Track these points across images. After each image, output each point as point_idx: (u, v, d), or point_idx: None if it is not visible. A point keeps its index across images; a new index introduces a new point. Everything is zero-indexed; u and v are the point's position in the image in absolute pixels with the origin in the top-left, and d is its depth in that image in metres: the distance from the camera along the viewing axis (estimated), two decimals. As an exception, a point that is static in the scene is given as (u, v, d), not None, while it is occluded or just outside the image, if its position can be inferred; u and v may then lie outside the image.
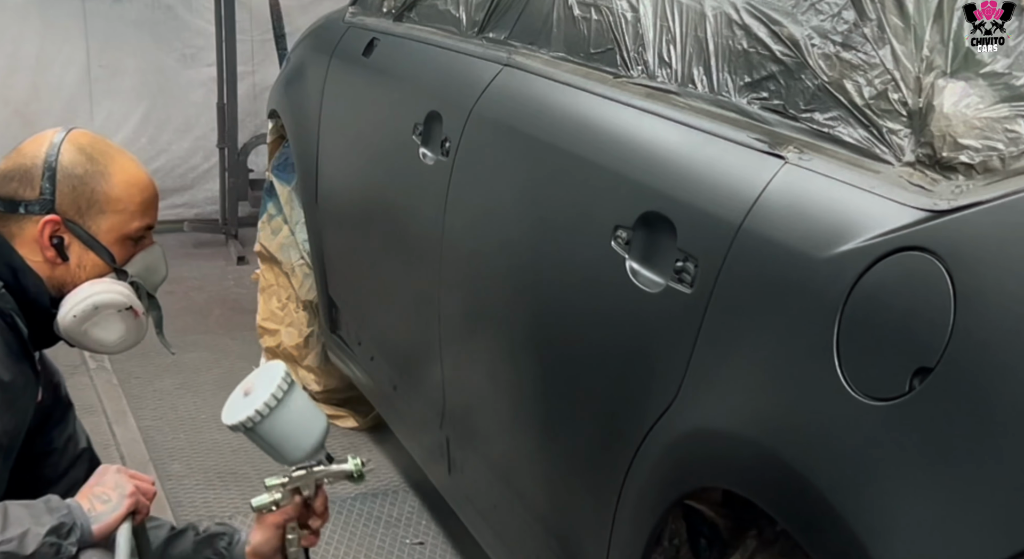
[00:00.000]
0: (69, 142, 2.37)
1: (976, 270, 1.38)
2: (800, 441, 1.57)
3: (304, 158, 3.98)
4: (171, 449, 4.14)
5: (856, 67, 1.72)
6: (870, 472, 1.43)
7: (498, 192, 2.59)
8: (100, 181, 2.33)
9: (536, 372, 2.42)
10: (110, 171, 2.35)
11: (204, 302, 5.73)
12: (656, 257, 1.97)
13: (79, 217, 2.31)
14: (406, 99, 3.17)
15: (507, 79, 2.66)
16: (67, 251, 2.31)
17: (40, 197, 2.30)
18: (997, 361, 1.33)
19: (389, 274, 3.33)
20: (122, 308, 2.32)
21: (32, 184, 2.30)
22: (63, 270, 2.32)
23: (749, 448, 1.67)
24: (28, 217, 2.29)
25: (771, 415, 1.64)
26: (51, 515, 2.06)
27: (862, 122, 1.68)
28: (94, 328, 2.30)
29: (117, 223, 2.34)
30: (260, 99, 6.59)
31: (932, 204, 1.49)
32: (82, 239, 2.32)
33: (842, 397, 1.49)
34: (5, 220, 2.31)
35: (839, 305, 1.54)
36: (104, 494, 2.17)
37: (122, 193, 2.34)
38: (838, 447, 1.50)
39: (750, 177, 1.81)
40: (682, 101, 2.07)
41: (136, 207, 2.36)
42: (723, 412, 1.76)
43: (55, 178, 2.30)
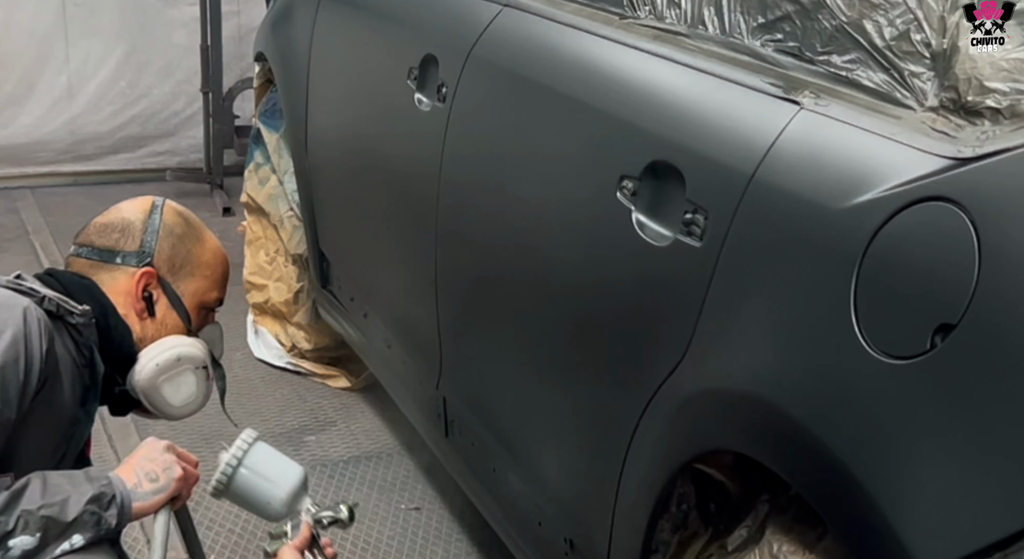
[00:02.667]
0: (170, 206, 2.51)
1: (1002, 221, 1.39)
2: (815, 401, 1.58)
3: (293, 104, 3.97)
4: (154, 410, 4.15)
5: (876, 6, 1.71)
6: (889, 434, 1.44)
7: (497, 140, 2.59)
8: (195, 244, 2.49)
9: (537, 329, 2.42)
10: (204, 237, 2.52)
11: (187, 255, 5.72)
12: (664, 209, 1.97)
13: (171, 275, 2.44)
14: (400, 42, 3.16)
15: (507, 20, 2.65)
16: (155, 306, 2.41)
17: (140, 249, 2.41)
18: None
19: (383, 227, 3.33)
20: (199, 365, 2.42)
21: (134, 236, 2.42)
22: (147, 325, 2.41)
23: (761, 409, 1.68)
24: (122, 268, 2.40)
25: (784, 374, 1.65)
26: (91, 484, 2.11)
27: (882, 65, 1.68)
28: (167, 382, 2.38)
29: (201, 288, 2.48)
30: (246, 41, 6.56)
31: (956, 151, 1.49)
32: (170, 297, 2.43)
33: (859, 355, 1.50)
34: (96, 270, 2.40)
35: (857, 259, 1.54)
36: (153, 472, 2.23)
37: (211, 260, 2.51)
38: (855, 407, 1.51)
39: (763, 124, 1.80)
40: (692, 43, 2.07)
41: (219, 277, 2.53)
42: (734, 371, 1.76)
43: (158, 233, 2.44)
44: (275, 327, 4.49)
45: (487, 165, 2.62)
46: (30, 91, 6.55)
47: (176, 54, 6.78)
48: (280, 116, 4.29)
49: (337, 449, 3.98)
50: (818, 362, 1.59)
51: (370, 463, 3.87)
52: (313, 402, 4.26)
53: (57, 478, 2.09)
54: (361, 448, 3.98)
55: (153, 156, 6.88)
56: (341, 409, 4.22)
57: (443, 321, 2.86)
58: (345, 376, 4.37)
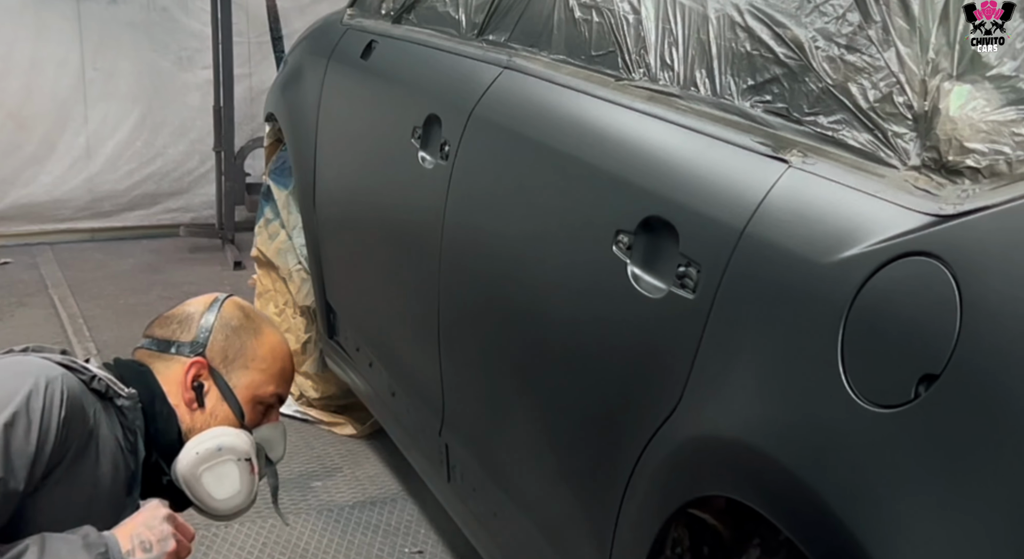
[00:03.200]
0: (232, 301, 2.52)
1: (982, 275, 1.38)
2: (804, 449, 1.57)
3: (302, 162, 3.98)
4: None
5: (861, 70, 1.72)
6: (875, 480, 1.43)
7: (498, 196, 2.60)
8: (251, 338, 2.47)
9: (537, 378, 2.42)
10: (262, 332, 2.50)
11: (200, 308, 5.72)
12: (658, 262, 1.97)
13: (223, 367, 2.42)
14: (405, 102, 3.17)
15: (507, 82, 2.66)
16: (205, 397, 2.38)
17: (194, 339, 2.42)
18: (1005, 368, 1.32)
19: (388, 279, 3.33)
20: (242, 458, 2.36)
21: (191, 328, 2.44)
22: (196, 416, 2.38)
23: (752, 456, 1.67)
24: (176, 358, 2.40)
25: (775, 422, 1.64)
26: (88, 552, 2.04)
27: (867, 125, 1.68)
28: (209, 473, 2.33)
29: (255, 382, 2.44)
30: (257, 102, 6.60)
31: (938, 208, 1.49)
32: (221, 389, 2.40)
33: (847, 404, 1.49)
34: (154, 359, 2.41)
35: (844, 311, 1.54)
36: (148, 542, 2.15)
37: (267, 354, 2.47)
38: (843, 455, 1.50)
39: (753, 181, 1.81)
40: (684, 104, 2.07)
41: (276, 372, 2.48)
42: (726, 419, 1.75)
43: (212, 325, 2.44)
44: (284, 376, 4.48)
45: (488, 220, 2.63)
46: (50, 151, 6.57)
47: (190, 115, 6.81)
48: (289, 174, 4.30)
49: (343, 494, 3.96)
50: (807, 410, 1.58)
51: (375, 508, 3.85)
52: (320, 449, 4.25)
53: (55, 543, 2.02)
54: (366, 493, 3.97)
55: (167, 212, 6.90)
56: (347, 455, 4.21)
57: (445, 370, 2.85)
58: (351, 423, 4.37)
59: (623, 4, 2.32)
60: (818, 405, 1.56)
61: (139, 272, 6.19)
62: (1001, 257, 1.40)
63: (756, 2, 1.97)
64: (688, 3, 2.15)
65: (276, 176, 4.48)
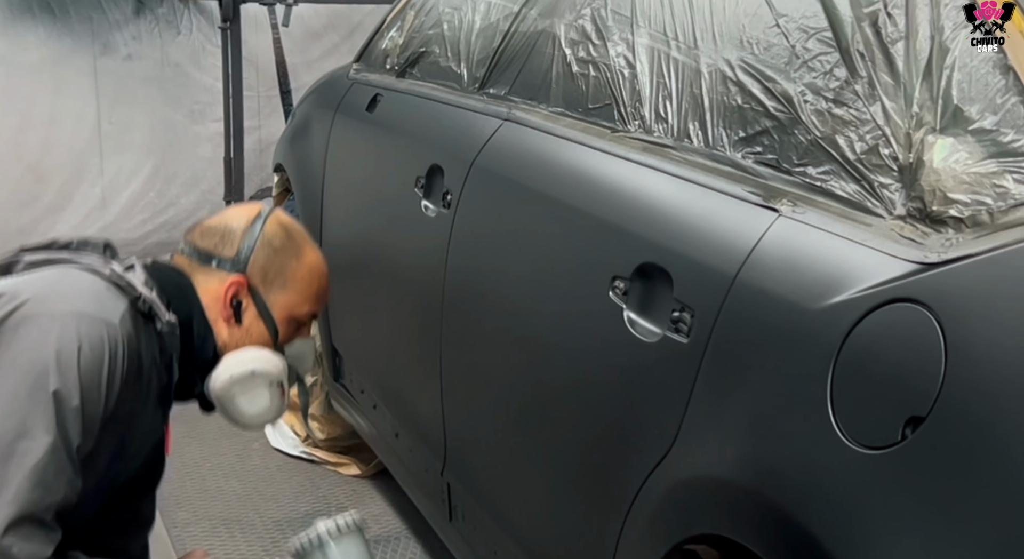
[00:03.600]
0: (275, 217, 2.47)
1: (966, 321, 1.39)
2: (795, 488, 1.57)
3: (309, 211, 3.98)
4: (177, 497, 4.12)
5: (848, 123, 1.73)
6: (865, 518, 1.43)
7: (499, 243, 2.60)
8: (292, 259, 2.44)
9: (536, 419, 2.42)
10: (303, 252, 2.47)
11: (210, 352, 5.71)
12: (653, 307, 1.97)
13: (262, 285, 2.40)
14: (408, 153, 3.18)
15: (507, 133, 2.67)
16: (243, 315, 2.37)
17: (235, 256, 2.38)
18: (988, 410, 1.33)
19: (392, 324, 3.33)
20: (275, 382, 2.36)
21: (232, 243, 2.39)
22: (233, 332, 2.37)
23: (746, 495, 1.67)
24: (217, 273, 2.38)
25: (767, 463, 1.64)
26: None
27: (854, 176, 1.69)
28: (241, 394, 2.34)
29: (292, 302, 2.43)
30: (266, 153, 6.60)
31: (923, 256, 1.50)
32: (259, 308, 2.39)
33: (836, 445, 1.49)
34: (194, 270, 2.38)
35: (833, 355, 1.54)
36: None
37: (306, 275, 2.45)
38: (833, 494, 1.50)
39: (745, 229, 1.81)
40: (678, 155, 2.08)
41: (313, 292, 2.47)
42: (720, 459, 1.75)
43: (255, 243, 2.40)
44: (291, 419, 4.48)
45: (489, 266, 2.63)
46: (67, 202, 6.57)
47: (202, 166, 6.82)
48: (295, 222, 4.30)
49: (349, 531, 3.95)
50: (798, 451, 1.58)
51: (378, 546, 3.83)
52: (326, 489, 4.23)
53: None
54: (370, 532, 3.93)
55: (178, 259, 6.89)
56: (352, 495, 4.19)
57: (447, 412, 2.85)
58: (356, 464, 4.35)
59: (619, 59, 2.34)
60: (809, 446, 1.56)
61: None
62: (984, 303, 1.40)
63: (747, 57, 1.99)
64: (681, 58, 2.16)
65: (284, 225, 4.48)
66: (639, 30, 2.31)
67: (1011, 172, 1.47)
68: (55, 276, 2.15)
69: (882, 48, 1.72)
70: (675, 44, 2.19)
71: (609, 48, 2.38)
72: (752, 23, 2.01)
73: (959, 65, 1.59)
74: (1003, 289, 1.40)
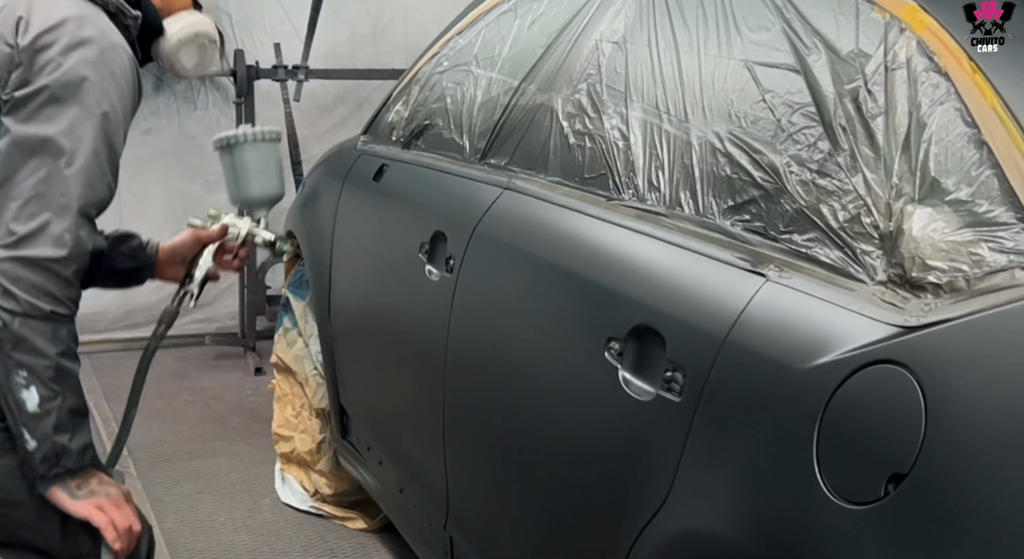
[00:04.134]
0: None
1: (945, 382, 1.39)
2: (783, 543, 1.57)
3: (318, 275, 3.99)
4: (192, 551, 4.10)
5: (831, 193, 1.74)
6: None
7: (499, 306, 2.60)
8: None
9: (535, 475, 2.41)
10: None
11: (223, 411, 5.70)
12: (647, 367, 1.97)
13: None
14: (413, 220, 3.19)
15: (507, 201, 2.68)
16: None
17: None
18: (966, 467, 1.33)
19: (397, 383, 3.33)
20: (211, 40, 2.71)
21: None
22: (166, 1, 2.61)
23: (737, 551, 1.67)
24: None
25: (756, 518, 1.64)
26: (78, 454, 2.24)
27: (837, 243, 1.69)
28: (185, 53, 2.66)
29: None
30: (277, 221, 6.60)
31: (903, 320, 1.50)
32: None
33: (822, 501, 1.49)
34: None
35: (818, 413, 1.54)
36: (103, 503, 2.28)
37: None
38: (819, 548, 1.50)
39: (734, 293, 1.82)
40: (670, 222, 2.09)
41: None
42: (711, 514, 1.75)
43: None
44: (300, 474, 4.46)
45: (490, 328, 2.63)
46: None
47: (216, 233, 6.82)
48: (306, 286, 4.31)
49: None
50: (785, 507, 1.58)
51: (384, 597, 3.82)
52: (333, 542, 4.21)
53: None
54: (376, 583, 3.94)
55: (194, 323, 6.87)
56: (359, 548, 4.17)
57: (450, 468, 2.84)
58: (362, 518, 4.33)
59: (613, 131, 2.35)
60: (796, 502, 1.55)
61: (168, 378, 6.17)
62: (962, 365, 1.41)
63: (735, 130, 2.00)
64: (673, 130, 2.17)
65: (294, 288, 4.49)
66: (632, 104, 2.33)
67: (986, 241, 1.48)
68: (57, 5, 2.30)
69: (863, 123, 1.73)
70: (667, 117, 2.21)
71: (604, 121, 2.40)
72: (740, 98, 2.03)
73: (936, 139, 1.61)
74: (980, 352, 1.40)
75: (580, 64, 2.59)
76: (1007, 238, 1.46)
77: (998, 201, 1.50)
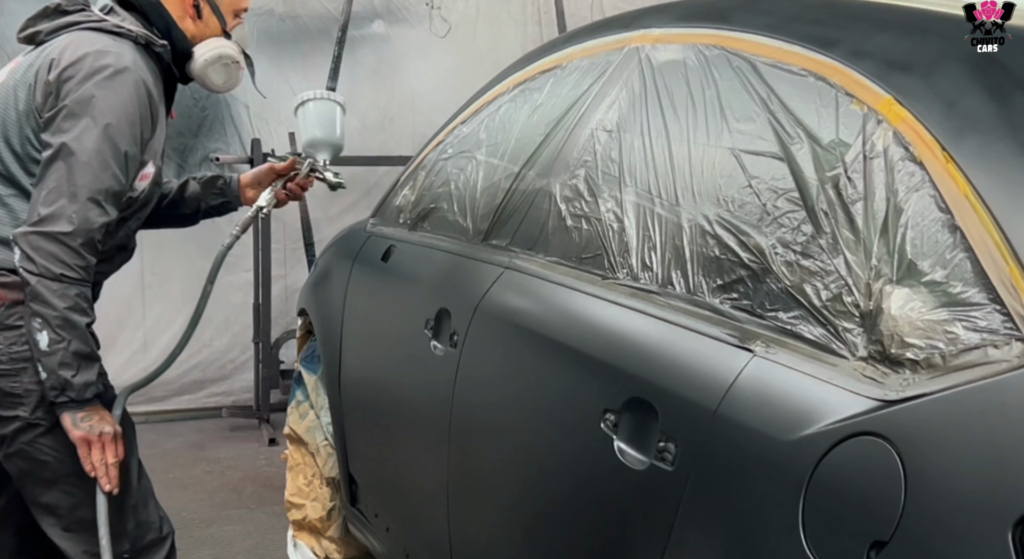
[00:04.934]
0: None
1: (923, 453, 1.39)
2: (771, 606, 1.56)
3: (329, 350, 3.99)
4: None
5: (814, 273, 1.74)
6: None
7: (500, 379, 2.60)
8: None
9: (535, 542, 2.40)
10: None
11: (238, 480, 5.68)
12: (641, 438, 1.96)
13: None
14: (419, 298, 3.19)
15: (508, 280, 2.68)
16: (201, 12, 2.93)
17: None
18: (944, 535, 1.32)
19: (403, 452, 3.32)
20: (234, 61, 2.96)
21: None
22: (197, 26, 2.93)
23: (726, 613, 1.65)
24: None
25: (745, 582, 1.63)
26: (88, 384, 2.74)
27: (820, 321, 1.70)
28: (213, 72, 2.94)
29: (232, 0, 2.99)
30: (291, 299, 6.62)
31: (883, 394, 1.50)
32: (211, 5, 2.94)
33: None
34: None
35: (803, 483, 1.54)
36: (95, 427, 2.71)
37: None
38: (806, 612, 1.49)
39: (723, 367, 1.82)
40: (662, 300, 2.09)
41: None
42: (702, 579, 1.74)
43: None
44: (311, 541, 4.43)
45: (491, 399, 2.63)
46: (112, 346, 6.55)
47: (233, 311, 6.82)
48: (318, 361, 4.30)
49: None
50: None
51: (390, 659, 3.77)
52: (343, 605, 4.18)
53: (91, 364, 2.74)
54: (383, 646, 3.89)
55: (211, 396, 6.87)
56: (367, 609, 4.14)
57: (454, 534, 2.82)
58: (371, 582, 4.30)
59: (608, 214, 2.36)
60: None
61: (186, 449, 6.16)
62: (940, 437, 1.41)
63: (723, 213, 2.01)
64: (664, 213, 2.18)
65: (307, 363, 4.48)
66: (626, 188, 2.34)
67: (960, 320, 1.48)
68: (75, 39, 2.72)
69: (844, 207, 1.74)
70: (659, 201, 2.22)
71: (600, 204, 2.41)
72: (727, 183, 2.04)
73: (912, 224, 1.61)
74: (956, 424, 1.40)
75: (577, 151, 2.61)
76: (980, 318, 1.47)
77: (971, 283, 1.50)
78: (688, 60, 2.34)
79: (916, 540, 1.35)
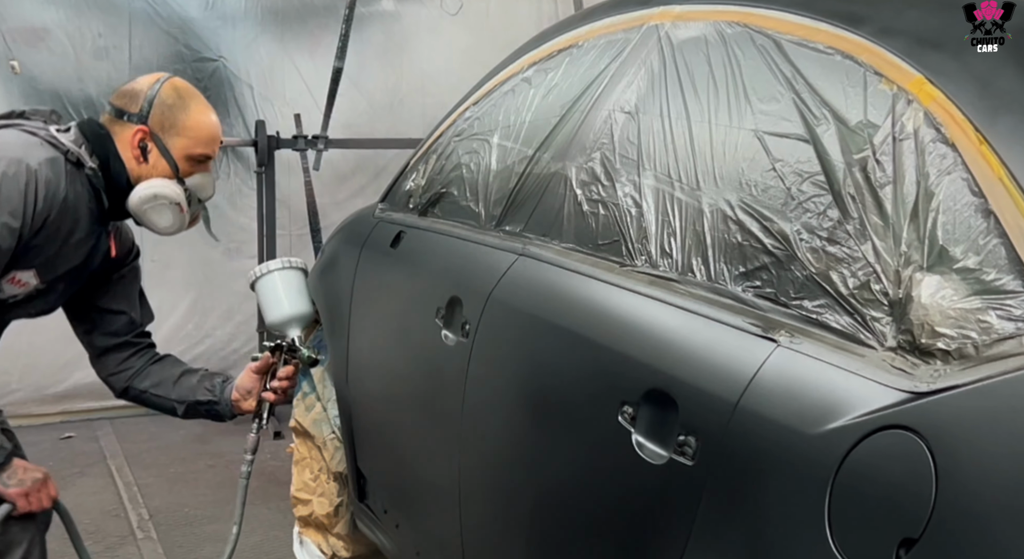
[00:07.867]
0: (169, 82, 3.06)
1: (955, 447, 1.38)
2: (796, 606, 1.55)
3: (336, 340, 3.99)
4: (211, 613, 4.09)
5: (841, 260, 1.74)
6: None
7: (514, 370, 2.60)
8: (181, 113, 3.02)
9: (548, 536, 2.40)
10: (190, 108, 3.04)
11: (242, 474, 5.68)
12: (660, 432, 1.96)
13: (161, 133, 3.00)
14: (429, 286, 3.19)
15: (522, 267, 2.68)
16: (148, 155, 2.98)
17: (139, 112, 2.99)
18: (977, 531, 1.32)
19: (413, 447, 3.32)
20: (172, 202, 2.99)
21: (137, 102, 3.01)
22: (142, 168, 2.99)
23: (748, 613, 1.65)
24: (127, 124, 2.99)
25: (768, 581, 1.63)
26: None
27: (847, 310, 1.69)
28: (151, 211, 2.99)
29: (186, 145, 3.02)
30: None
31: (913, 386, 1.50)
32: (160, 149, 2.99)
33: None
34: (112, 123, 3.01)
35: (830, 478, 1.53)
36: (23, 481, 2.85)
37: (194, 124, 3.03)
38: (832, 612, 1.48)
39: (745, 358, 1.81)
40: (682, 288, 2.09)
41: (202, 138, 3.04)
42: (724, 578, 1.74)
43: (153, 102, 3.00)
44: (318, 537, 4.44)
45: (505, 392, 2.63)
46: (112, 336, 6.58)
47: (237, 300, 6.82)
48: (325, 351, 4.30)
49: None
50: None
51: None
52: (351, 604, 4.18)
53: None
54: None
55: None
56: (375, 609, 4.15)
57: (466, 531, 2.83)
58: (379, 581, 4.31)
59: (626, 199, 2.36)
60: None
61: (188, 443, 6.16)
62: (971, 431, 1.40)
63: (746, 198, 2.00)
64: (685, 198, 2.18)
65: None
66: (645, 172, 2.34)
67: (994, 308, 1.48)
68: (2, 136, 2.82)
69: (872, 191, 1.73)
70: (679, 185, 2.21)
71: (617, 189, 2.41)
72: (751, 166, 2.04)
73: (943, 208, 1.61)
74: (989, 418, 1.39)
75: (593, 133, 2.60)
76: (1015, 306, 1.46)
77: (1005, 269, 1.50)
78: (710, 38, 2.34)
79: (948, 538, 1.35)
